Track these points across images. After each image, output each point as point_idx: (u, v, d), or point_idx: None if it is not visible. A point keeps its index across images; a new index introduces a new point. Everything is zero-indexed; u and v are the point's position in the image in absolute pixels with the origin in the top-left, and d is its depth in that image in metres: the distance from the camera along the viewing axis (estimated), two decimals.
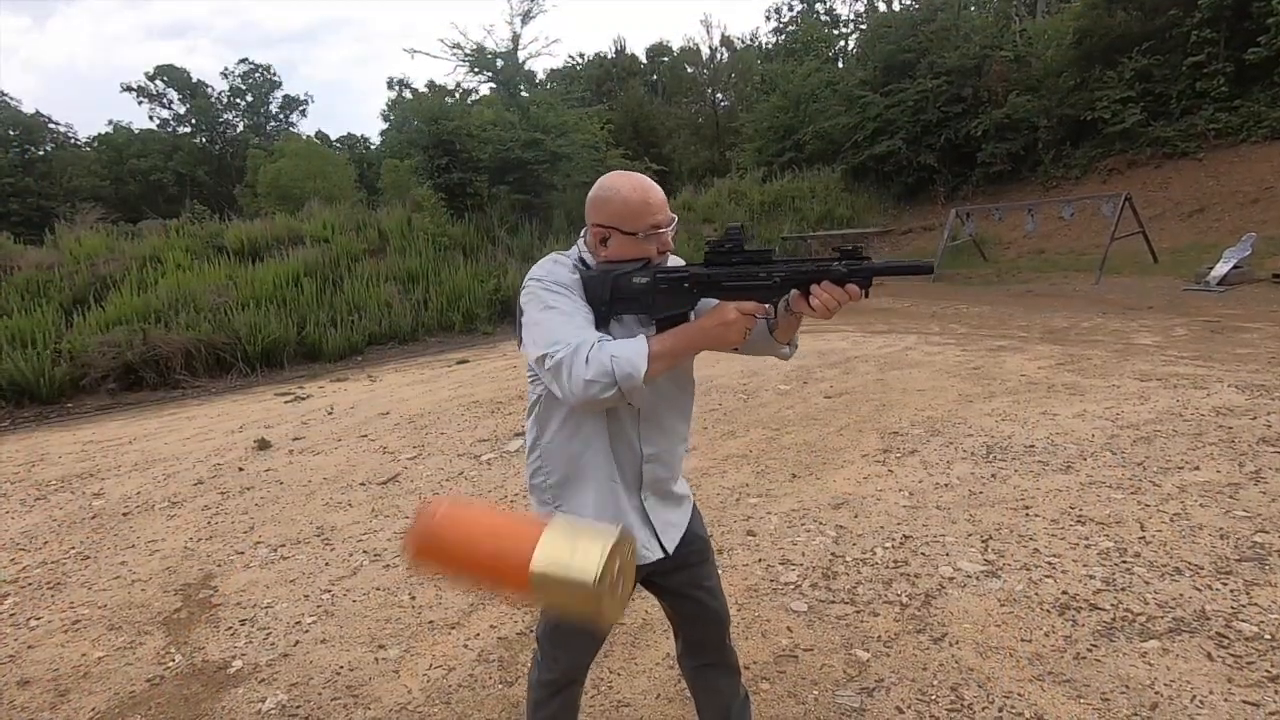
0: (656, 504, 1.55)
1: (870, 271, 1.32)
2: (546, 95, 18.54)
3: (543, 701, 1.66)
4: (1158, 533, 2.94)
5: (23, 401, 7.84)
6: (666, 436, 1.54)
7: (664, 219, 1.42)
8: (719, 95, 31.73)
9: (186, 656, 2.64)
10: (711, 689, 1.78)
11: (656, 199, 1.41)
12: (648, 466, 1.51)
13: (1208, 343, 6.30)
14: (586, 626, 1.60)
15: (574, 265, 1.46)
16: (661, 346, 1.32)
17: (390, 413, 6.16)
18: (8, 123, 32.96)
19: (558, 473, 1.52)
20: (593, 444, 1.47)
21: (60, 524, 4.08)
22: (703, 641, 1.74)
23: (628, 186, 1.41)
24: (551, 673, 1.64)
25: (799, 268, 1.36)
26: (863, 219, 17.25)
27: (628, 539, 1.22)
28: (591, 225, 1.45)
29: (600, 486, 1.48)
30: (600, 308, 1.39)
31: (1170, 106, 14.02)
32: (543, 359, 1.33)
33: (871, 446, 4.29)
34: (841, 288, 1.32)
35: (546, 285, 1.39)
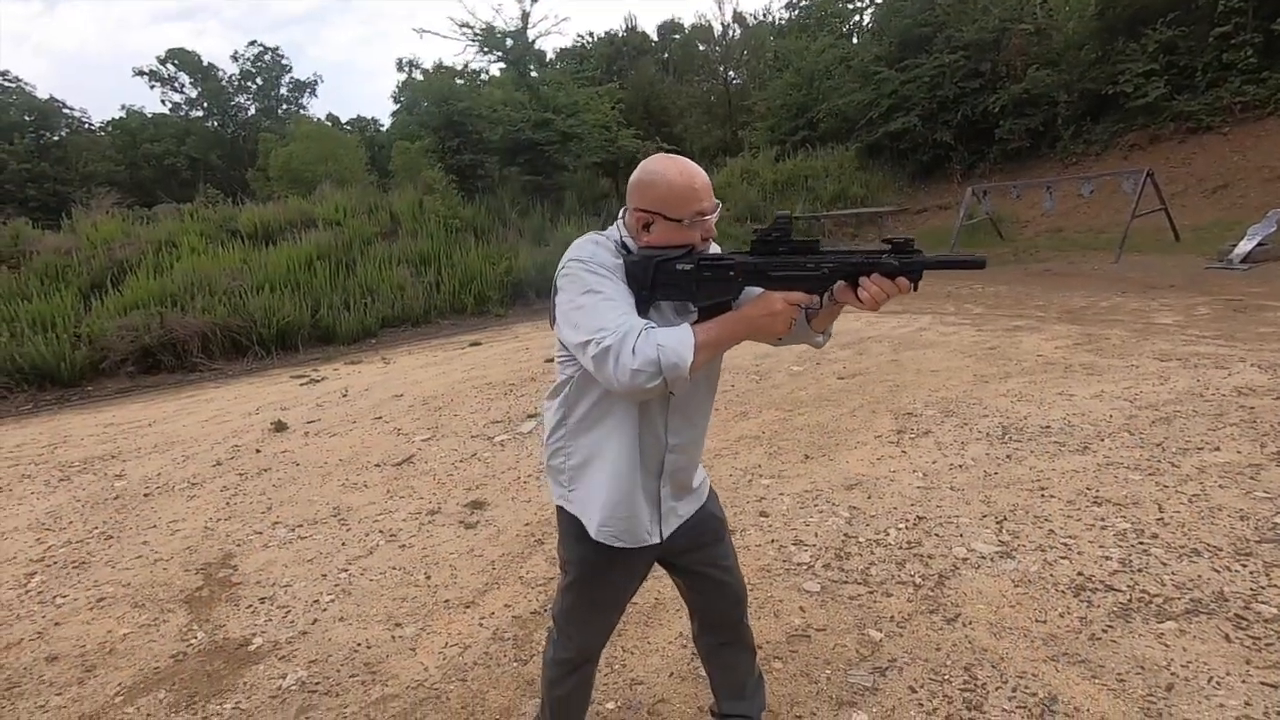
0: (671, 492, 1.55)
1: (922, 265, 1.31)
2: (556, 75, 18.35)
3: (558, 679, 1.69)
4: (1176, 514, 2.91)
5: (44, 384, 7.97)
6: (692, 428, 1.54)
7: (709, 205, 1.40)
8: (731, 73, 31.27)
9: (208, 633, 2.69)
10: (726, 666, 1.79)
11: (702, 185, 1.39)
12: (670, 457, 1.51)
13: (1230, 321, 6.19)
14: (601, 608, 1.63)
15: (615, 248, 1.43)
16: (707, 336, 1.30)
17: (404, 395, 6.20)
18: (22, 107, 33.17)
19: (578, 455, 1.51)
20: (619, 430, 1.46)
21: (84, 504, 4.16)
22: (718, 620, 1.75)
23: (674, 171, 1.38)
24: (567, 651, 1.67)
25: (847, 259, 1.35)
26: (877, 198, 17.02)
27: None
28: (634, 210, 1.42)
29: (618, 472, 1.47)
30: (641, 293, 1.38)
31: (1195, 79, 13.64)
32: (585, 344, 1.30)
33: (885, 427, 4.27)
34: (892, 281, 1.31)
35: (590, 267, 1.36)
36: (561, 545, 1.62)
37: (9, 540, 3.71)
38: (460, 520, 3.52)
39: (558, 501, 1.58)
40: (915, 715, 1.95)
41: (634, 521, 1.50)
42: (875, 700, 2.03)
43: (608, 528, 1.49)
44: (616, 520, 1.48)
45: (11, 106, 32.97)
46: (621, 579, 1.61)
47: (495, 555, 3.12)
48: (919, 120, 16.59)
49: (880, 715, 1.97)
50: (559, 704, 1.73)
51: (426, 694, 2.23)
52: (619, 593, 1.64)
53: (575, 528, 1.54)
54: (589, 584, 1.59)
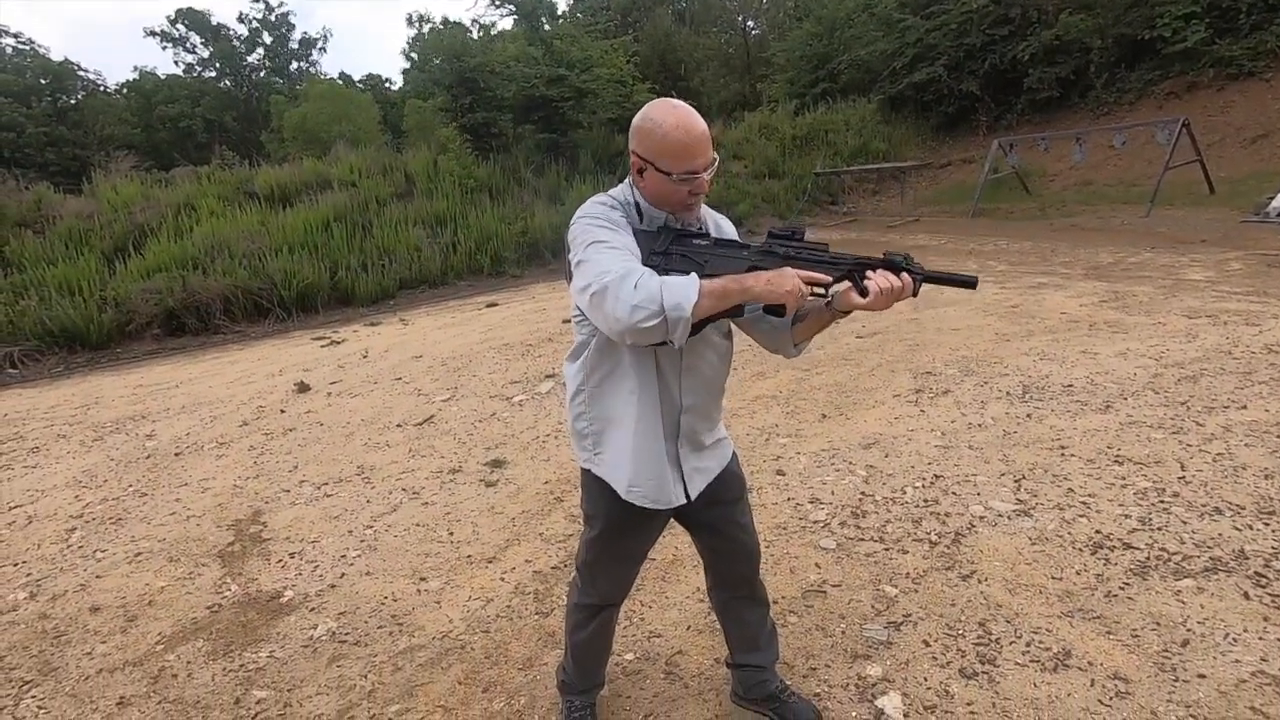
0: (689, 452, 1.57)
1: (921, 276, 1.36)
2: (570, 29, 17.90)
3: (582, 623, 1.76)
4: (1198, 472, 2.88)
5: (74, 347, 8.14)
6: (706, 390, 1.56)
7: (703, 163, 1.38)
8: (750, 23, 30.33)
9: (242, 586, 2.79)
10: (740, 620, 1.83)
11: (698, 141, 1.36)
12: (685, 418, 1.54)
13: (1264, 278, 6.02)
14: (622, 561, 1.69)
15: (625, 208, 1.45)
16: (712, 285, 1.27)
17: (423, 356, 6.27)
18: (38, 71, 33.12)
19: (601, 419, 1.55)
20: (638, 392, 1.48)
21: (117, 463, 4.29)
22: (733, 575, 1.78)
23: (671, 123, 1.35)
24: (590, 597, 1.74)
25: (857, 257, 1.38)
26: (899, 152, 16.58)
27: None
28: (630, 151, 1.43)
29: (640, 434, 1.50)
30: (653, 257, 1.39)
31: (1239, 21, 12.98)
32: (587, 288, 1.27)
33: (903, 386, 4.24)
34: (897, 274, 1.34)
35: (597, 222, 1.38)
36: (586, 501, 1.67)
37: (49, 497, 3.85)
38: (481, 479, 3.58)
39: (584, 465, 1.62)
40: (929, 668, 1.99)
41: (661, 483, 1.53)
42: (889, 654, 2.06)
43: (637, 488, 1.52)
44: (644, 481, 1.52)
45: (27, 70, 32.93)
46: (643, 534, 1.66)
47: (516, 512, 3.19)
48: (944, 70, 16.01)
49: (894, 668, 2.00)
50: (580, 648, 1.80)
51: (451, 644, 2.31)
52: (640, 546, 1.70)
53: (601, 487, 1.58)
54: (612, 539, 1.64)
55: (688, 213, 1.46)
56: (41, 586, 2.92)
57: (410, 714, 2.01)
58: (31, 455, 4.59)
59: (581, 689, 1.87)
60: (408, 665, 2.23)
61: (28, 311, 8.14)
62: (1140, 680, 1.86)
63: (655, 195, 1.43)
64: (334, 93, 29.79)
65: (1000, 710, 1.82)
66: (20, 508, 3.74)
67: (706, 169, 1.39)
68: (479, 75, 13.73)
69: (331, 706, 2.07)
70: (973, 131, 16.33)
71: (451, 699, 2.06)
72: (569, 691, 1.88)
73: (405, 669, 2.21)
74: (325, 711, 2.05)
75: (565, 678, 1.87)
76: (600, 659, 1.87)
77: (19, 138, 27.86)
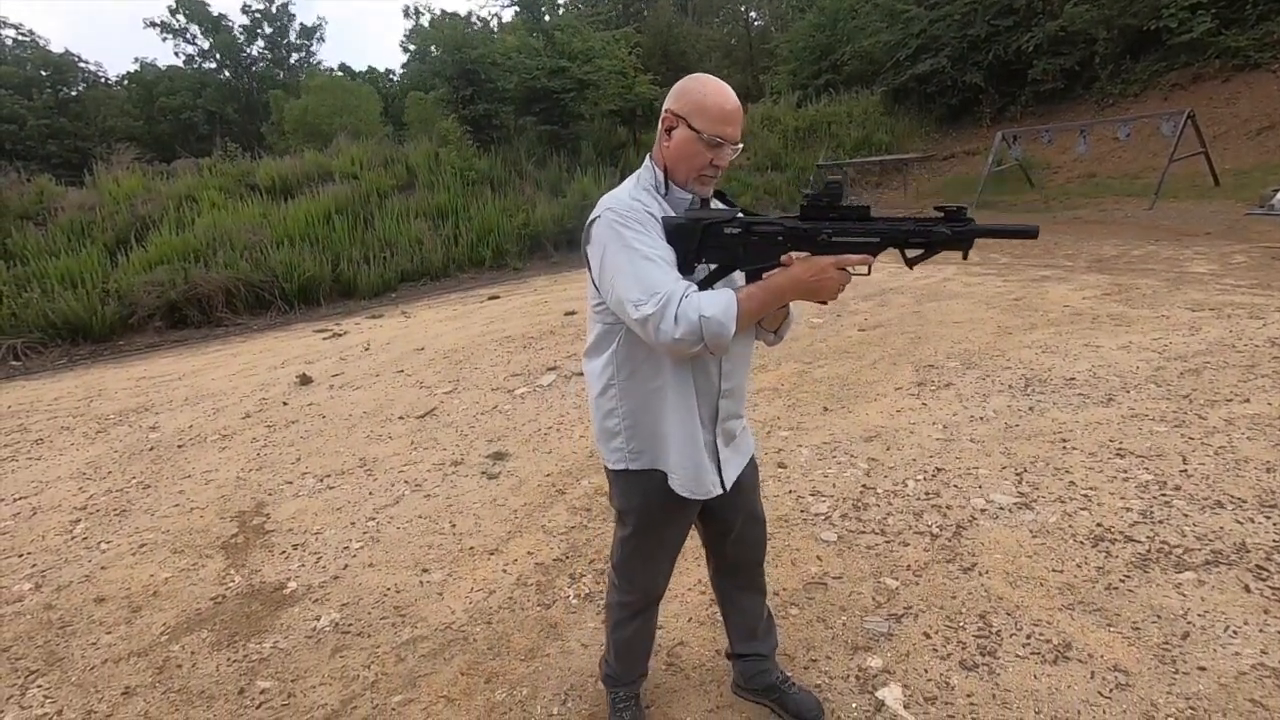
0: (724, 442, 1.56)
1: (973, 233, 1.28)
2: (571, 19, 17.80)
3: (623, 622, 1.75)
4: (1200, 466, 2.88)
5: (77, 339, 8.17)
6: (741, 369, 1.55)
7: (732, 133, 1.38)
8: (753, 13, 30.15)
9: (245, 577, 2.80)
10: (741, 609, 1.84)
11: (735, 111, 1.38)
12: (723, 401, 1.52)
13: (1268, 270, 6.00)
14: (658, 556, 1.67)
15: (650, 190, 1.44)
16: (750, 304, 1.31)
17: (425, 348, 6.27)
18: (39, 63, 33.06)
19: (635, 413, 1.50)
20: (676, 380, 1.45)
21: (121, 455, 4.31)
22: (741, 564, 1.79)
23: (714, 88, 1.38)
24: (629, 595, 1.71)
25: (898, 226, 1.31)
26: (902, 144, 16.50)
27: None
28: (665, 111, 1.42)
29: (679, 423, 1.47)
30: (687, 255, 1.37)
31: (1245, 12, 12.88)
32: (623, 304, 1.32)
33: (905, 379, 4.24)
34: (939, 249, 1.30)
35: (625, 220, 1.35)
36: (617, 498, 1.62)
37: (53, 489, 3.87)
38: (483, 471, 3.59)
39: (614, 466, 1.56)
40: (929, 660, 1.99)
41: (700, 472, 1.51)
42: (890, 646, 2.07)
43: (677, 477, 1.50)
44: (684, 471, 1.50)
45: (28, 61, 32.87)
46: (678, 527, 1.64)
47: (517, 504, 3.19)
48: (948, 61, 15.91)
49: (895, 660, 2.01)
50: (623, 645, 1.79)
51: (454, 636, 2.32)
52: (675, 539, 1.67)
53: (632, 483, 1.55)
54: (648, 534, 1.62)
55: (700, 186, 1.43)
56: (46, 578, 2.93)
57: (413, 704, 2.02)
58: (35, 447, 4.61)
59: (626, 680, 1.85)
60: (410, 656, 2.24)
61: (30, 304, 8.16)
62: (1140, 673, 1.87)
63: (676, 158, 1.41)
64: (335, 85, 29.70)
65: (1000, 702, 1.82)
66: (25, 499, 3.76)
67: (734, 143, 1.39)
68: (480, 67, 13.67)
69: (335, 697, 2.09)
70: (976, 123, 16.25)
71: (454, 689, 2.07)
72: (613, 684, 1.86)
73: (408, 660, 2.22)
74: (328, 702, 2.07)
75: (609, 670, 1.86)
76: (644, 652, 1.85)
77: (20, 130, 27.83)
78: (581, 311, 7.10)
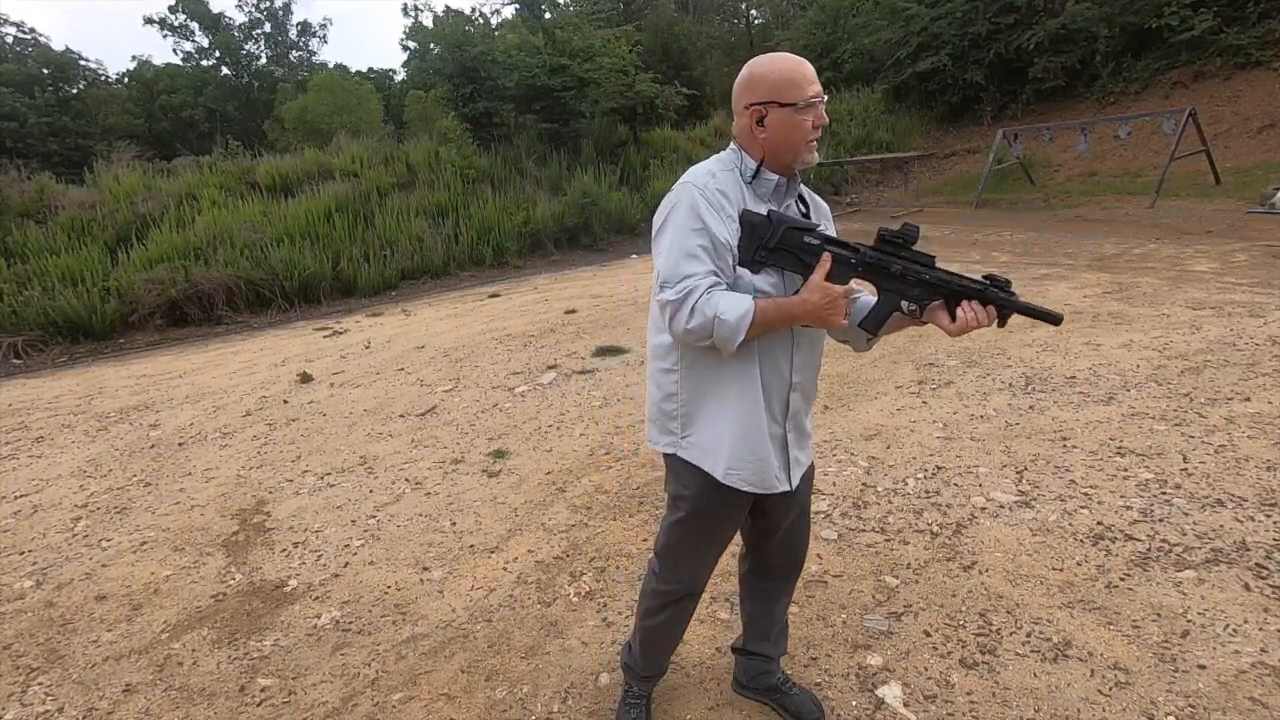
0: (795, 439, 1.54)
1: (1015, 307, 1.38)
2: (571, 17, 17.77)
3: (654, 610, 1.71)
4: (1200, 464, 2.88)
5: (77, 338, 8.16)
6: (813, 366, 1.54)
7: (818, 90, 1.38)
8: (753, 11, 30.13)
9: (246, 575, 2.81)
10: (765, 612, 1.82)
11: (810, 71, 1.38)
12: (794, 395, 1.49)
13: (1269, 269, 5.99)
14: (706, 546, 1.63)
15: (734, 171, 1.44)
16: (764, 316, 1.32)
17: (425, 346, 6.27)
18: (40, 61, 33.01)
19: (695, 399, 1.48)
20: (742, 369, 1.43)
21: (122, 453, 4.31)
22: (778, 565, 1.77)
23: (781, 59, 1.39)
24: (669, 584, 1.67)
25: (958, 280, 1.39)
26: (903, 143, 16.49)
27: None
28: (745, 108, 1.41)
29: (744, 413, 1.45)
30: (759, 252, 1.37)
31: (1247, 10, 12.86)
32: (656, 281, 1.38)
33: (906, 378, 4.24)
34: (985, 309, 1.36)
35: (694, 200, 1.37)
36: (673, 483, 1.58)
37: (54, 487, 3.87)
38: (483, 469, 3.59)
39: (666, 450, 1.55)
40: (929, 659, 2.00)
41: (763, 466, 1.47)
42: (890, 644, 2.07)
43: (736, 471, 1.47)
44: (744, 464, 1.46)
45: (29, 59, 32.83)
46: (732, 518, 1.60)
47: (518, 503, 3.20)
48: (949, 59, 15.90)
49: (895, 658, 2.01)
50: (650, 633, 1.75)
51: (454, 633, 2.32)
52: (727, 531, 1.63)
53: (690, 468, 1.52)
54: (700, 523, 1.57)
55: (809, 155, 1.42)
56: (48, 575, 2.94)
57: (413, 702, 2.02)
58: (36, 445, 4.61)
59: (643, 674, 1.82)
60: (411, 654, 2.24)
61: (31, 301, 8.15)
62: (1140, 671, 1.87)
63: (779, 142, 1.39)
64: (336, 83, 29.67)
65: (1000, 700, 1.83)
66: (26, 497, 3.76)
67: (823, 98, 1.39)
68: (480, 65, 13.64)
69: (335, 694, 2.09)
70: (977, 121, 16.24)
71: (454, 687, 2.07)
72: (630, 675, 1.84)
73: (408, 658, 2.22)
74: (329, 699, 2.07)
75: (629, 659, 1.83)
76: (669, 647, 1.82)
77: (22, 128, 27.78)
78: (581, 310, 7.10)
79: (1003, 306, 1.38)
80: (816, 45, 19.96)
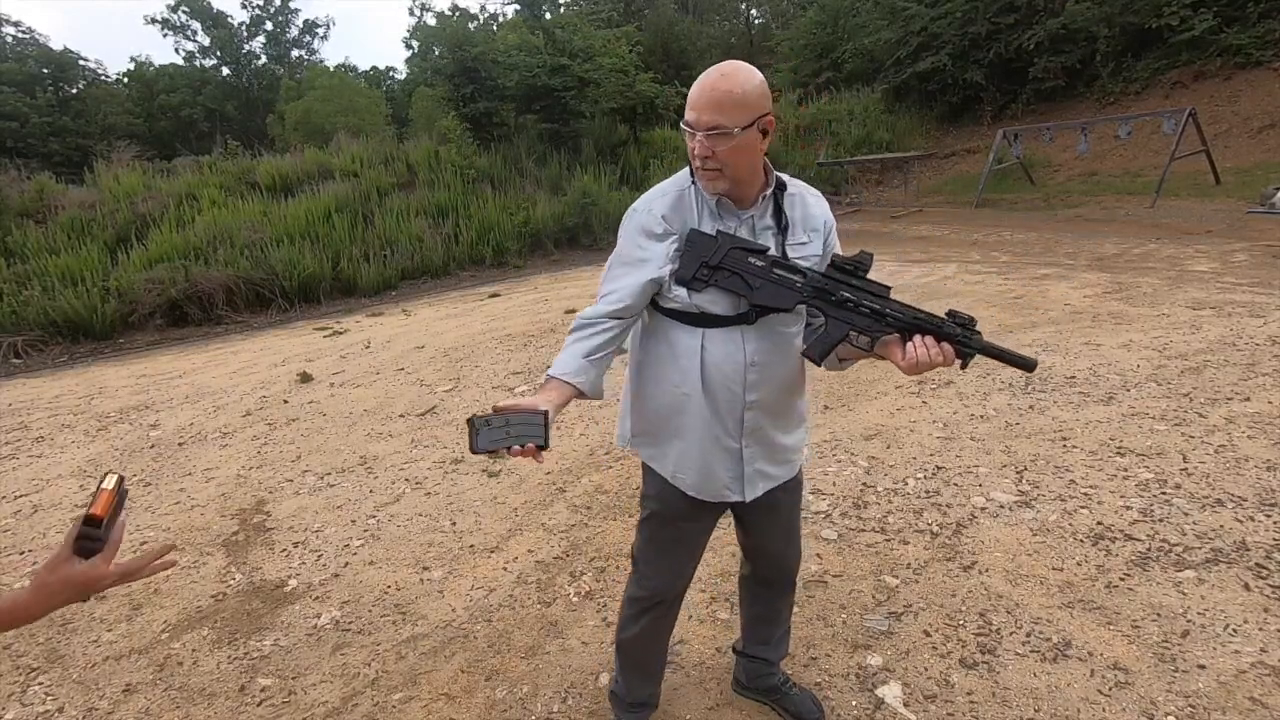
0: (758, 453, 1.48)
1: (979, 348, 1.29)
2: (571, 17, 17.78)
3: (630, 619, 1.68)
4: (1200, 464, 2.88)
5: (78, 337, 8.16)
6: (774, 383, 1.44)
7: (694, 118, 1.28)
8: (753, 11, 30.15)
9: (246, 575, 2.81)
10: (762, 617, 1.82)
11: (701, 94, 1.28)
12: (750, 413, 1.43)
13: (1269, 269, 5.99)
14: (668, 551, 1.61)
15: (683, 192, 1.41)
16: (548, 395, 1.29)
17: (425, 346, 6.27)
18: (40, 60, 33.00)
19: (643, 399, 1.50)
20: (683, 381, 1.42)
21: (122, 453, 4.31)
22: (770, 578, 1.76)
23: (702, 73, 1.31)
24: (639, 590, 1.65)
25: (910, 312, 1.32)
26: (903, 142, 16.48)
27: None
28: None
29: (691, 424, 1.44)
30: (701, 270, 1.33)
31: (1247, 10, 12.86)
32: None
33: (906, 378, 4.24)
34: (939, 345, 1.28)
35: (634, 228, 1.41)
36: (643, 482, 1.61)
37: (54, 486, 3.87)
38: (483, 469, 3.59)
39: (618, 444, 1.61)
40: (929, 659, 2.00)
41: (708, 474, 1.46)
42: (890, 644, 2.07)
43: (682, 476, 1.48)
44: (688, 470, 1.47)
45: (29, 59, 32.81)
46: (689, 525, 1.57)
47: (518, 503, 3.20)
48: (949, 59, 15.88)
49: (895, 658, 2.01)
50: (626, 649, 1.72)
51: (454, 633, 2.32)
52: (686, 537, 1.60)
53: (648, 469, 1.55)
54: (662, 523, 1.58)
55: (703, 181, 1.36)
56: None
57: (413, 702, 2.02)
58: (36, 445, 4.61)
59: (628, 702, 1.76)
60: (411, 654, 2.24)
61: (31, 301, 8.14)
62: (1140, 671, 1.87)
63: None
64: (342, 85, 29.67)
65: (1000, 700, 1.83)
66: (26, 497, 3.76)
67: (699, 128, 1.27)
68: (480, 65, 13.65)
69: (335, 694, 2.09)
70: (977, 121, 16.23)
71: (454, 687, 2.07)
72: (616, 704, 1.80)
73: (408, 657, 2.22)
74: (329, 699, 2.07)
75: (614, 686, 1.80)
76: (647, 668, 1.76)
77: (22, 128, 27.76)
78: (581, 310, 7.10)
79: (961, 345, 1.28)
80: (817, 45, 19.96)
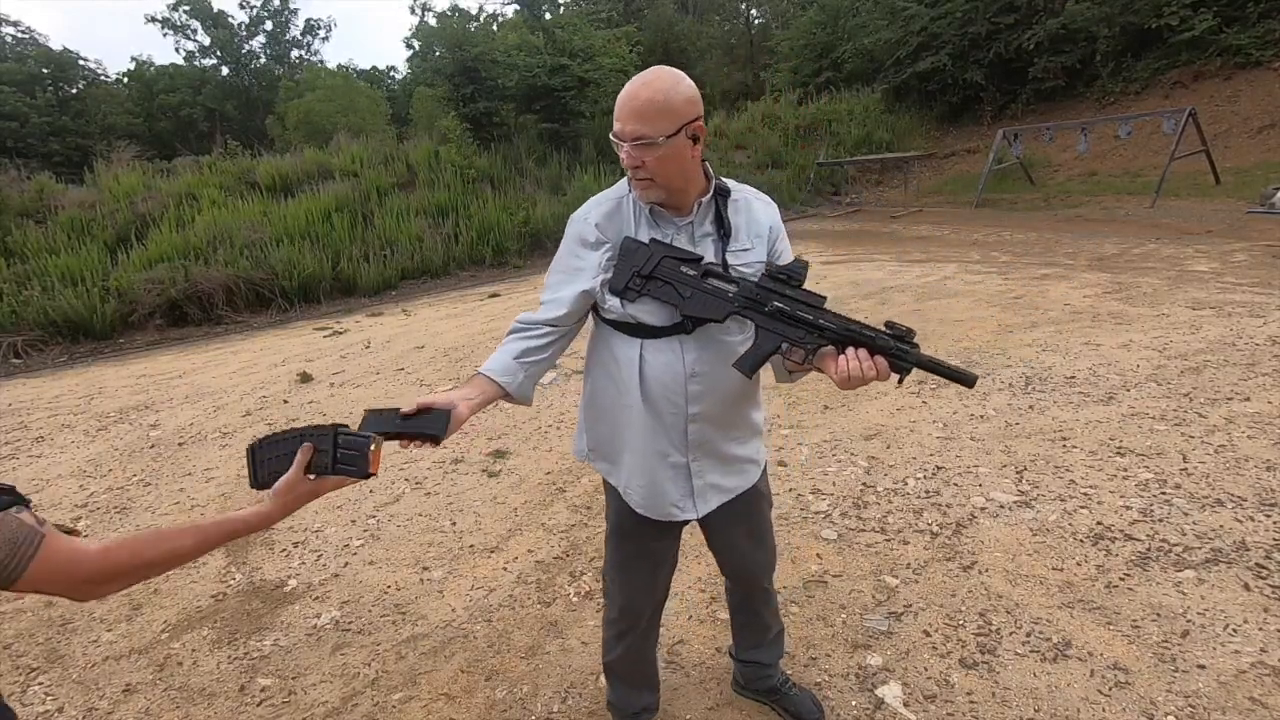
0: (708, 466, 1.45)
1: (914, 362, 1.23)
2: (571, 17, 17.79)
3: (610, 642, 1.67)
4: (1200, 464, 2.88)
5: (77, 338, 8.15)
6: (718, 395, 1.39)
7: (618, 128, 1.25)
8: (753, 10, 30.15)
9: (246, 575, 2.81)
10: (748, 623, 1.81)
11: (623, 104, 1.24)
12: (694, 426, 1.40)
13: (1268, 269, 5.99)
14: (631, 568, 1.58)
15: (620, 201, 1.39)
16: (467, 392, 1.29)
17: (425, 346, 6.27)
18: (40, 60, 33.00)
19: (590, 412, 1.50)
20: (624, 395, 1.40)
21: (122, 453, 4.31)
22: (745, 582, 1.74)
23: (629, 82, 1.27)
24: (612, 610, 1.64)
25: (845, 325, 1.26)
26: (903, 142, 16.48)
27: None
28: None
29: (631, 437, 1.41)
30: (635, 280, 1.31)
31: (1247, 10, 12.86)
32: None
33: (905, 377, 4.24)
34: (871, 359, 1.22)
35: (572, 236, 1.41)
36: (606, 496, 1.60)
37: (54, 486, 3.87)
38: (483, 469, 3.59)
39: (578, 457, 1.58)
40: (929, 659, 2.00)
41: (655, 491, 1.43)
42: (890, 644, 2.07)
43: (632, 493, 1.46)
44: (637, 488, 1.45)
45: (29, 59, 32.81)
46: (649, 542, 1.54)
47: (518, 503, 3.20)
48: (949, 59, 15.89)
49: (895, 658, 2.01)
50: (612, 670, 1.72)
51: (454, 633, 2.32)
52: (650, 552, 1.56)
53: (607, 483, 1.54)
54: (618, 540, 1.57)
55: (636, 190, 1.34)
56: None
57: (413, 702, 2.02)
58: (36, 445, 4.61)
59: (624, 711, 1.76)
60: (411, 654, 2.24)
61: (31, 301, 8.14)
62: (1140, 671, 1.87)
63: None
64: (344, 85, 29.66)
65: (1000, 700, 1.83)
66: None
67: (625, 139, 1.24)
68: (480, 64, 13.65)
69: (335, 694, 2.09)
70: (977, 121, 16.24)
71: (454, 687, 2.07)
72: (614, 713, 1.80)
73: (408, 657, 2.22)
74: (329, 699, 2.07)
75: (609, 696, 1.80)
76: (640, 682, 1.74)
77: (22, 128, 27.78)
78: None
79: (895, 359, 1.22)
80: (817, 45, 19.95)
